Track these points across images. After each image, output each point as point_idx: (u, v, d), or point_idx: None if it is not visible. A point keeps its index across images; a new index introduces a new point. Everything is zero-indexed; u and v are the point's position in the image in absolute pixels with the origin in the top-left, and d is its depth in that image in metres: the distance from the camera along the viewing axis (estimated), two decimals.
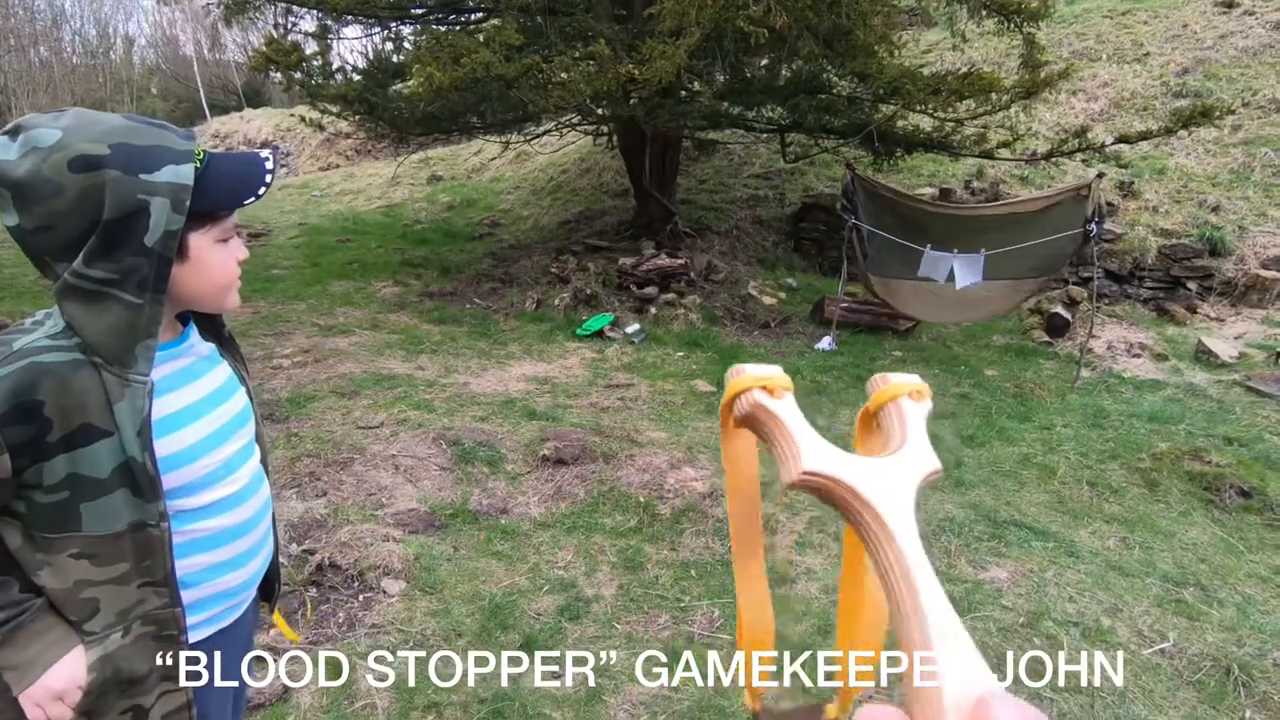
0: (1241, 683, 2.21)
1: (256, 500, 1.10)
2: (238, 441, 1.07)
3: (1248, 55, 9.24)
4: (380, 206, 11.63)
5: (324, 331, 5.75)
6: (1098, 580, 2.79)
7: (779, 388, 0.40)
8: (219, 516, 1.03)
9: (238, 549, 1.06)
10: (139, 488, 0.91)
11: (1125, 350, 6.01)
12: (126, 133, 0.87)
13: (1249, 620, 2.58)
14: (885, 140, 6.12)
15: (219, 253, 0.98)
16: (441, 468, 3.58)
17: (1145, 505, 3.49)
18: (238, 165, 0.96)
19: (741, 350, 5.67)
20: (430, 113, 6.07)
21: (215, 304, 1.01)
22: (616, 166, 9.95)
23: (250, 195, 0.96)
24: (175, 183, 0.88)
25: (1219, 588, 2.81)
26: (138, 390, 0.89)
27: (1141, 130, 5.70)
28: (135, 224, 0.86)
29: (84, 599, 0.91)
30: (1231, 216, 7.35)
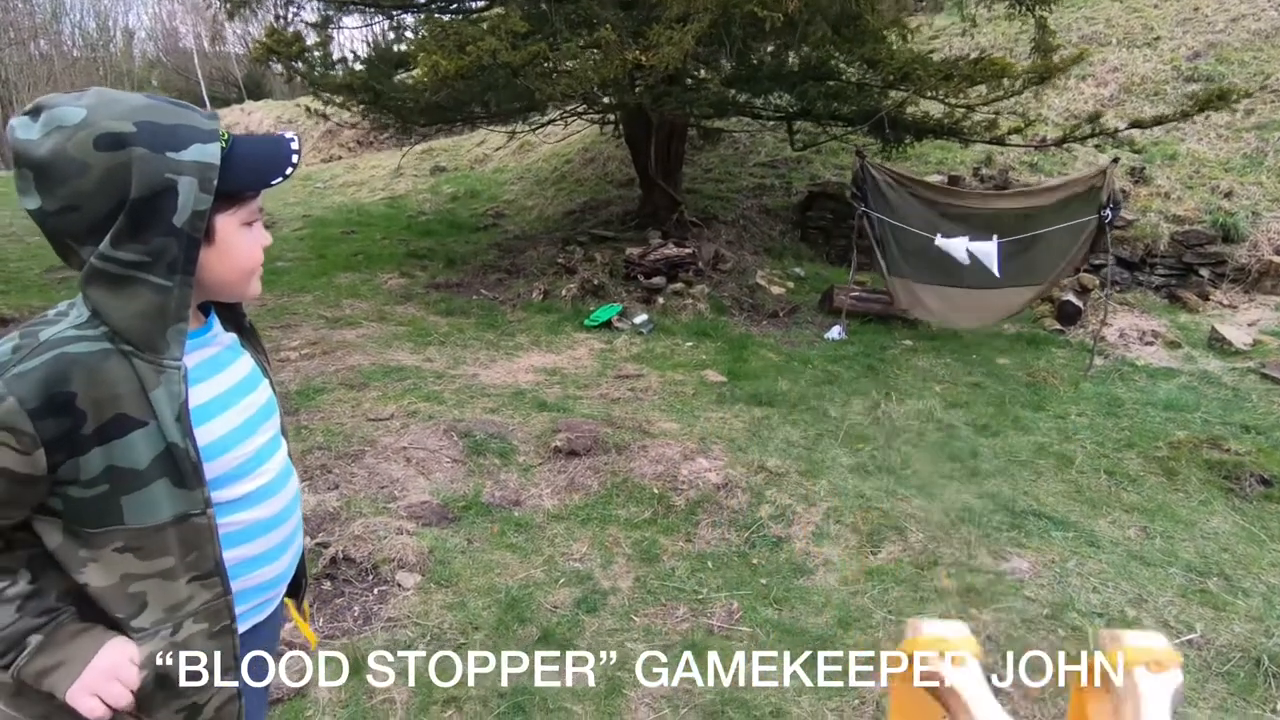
0: (1272, 674, 2.18)
1: (287, 493, 1.08)
2: (265, 433, 1.05)
3: (1260, 39, 9.12)
4: (384, 198, 11.57)
5: (331, 323, 5.72)
6: (1120, 570, 2.76)
7: (963, 654, 0.36)
8: (252, 509, 1.01)
9: (271, 542, 1.04)
10: (181, 476, 0.89)
11: (1138, 338, 5.96)
12: (151, 111, 0.84)
13: (1275, 610, 2.55)
14: (895, 127, 6.05)
15: (244, 237, 0.95)
16: (453, 460, 3.56)
17: (1164, 494, 3.46)
18: (263, 146, 0.94)
19: (750, 340, 5.62)
20: (435, 102, 6.01)
21: (239, 291, 0.99)
22: (621, 156, 9.87)
23: (277, 176, 0.93)
24: (202, 161, 0.85)
25: (1243, 577, 2.78)
26: (173, 375, 0.87)
27: (1156, 115, 5.62)
28: (163, 203, 0.83)
29: (131, 594, 0.89)
30: (1245, 202, 7.27)
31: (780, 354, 5.33)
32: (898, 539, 2.95)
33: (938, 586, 2.65)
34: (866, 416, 4.26)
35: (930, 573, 2.74)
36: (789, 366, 5.04)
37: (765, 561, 2.88)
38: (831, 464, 3.61)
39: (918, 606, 2.53)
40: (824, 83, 6.10)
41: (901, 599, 2.60)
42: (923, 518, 3.08)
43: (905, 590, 2.64)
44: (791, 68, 6.20)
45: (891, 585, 2.68)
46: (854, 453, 3.77)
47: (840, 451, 3.78)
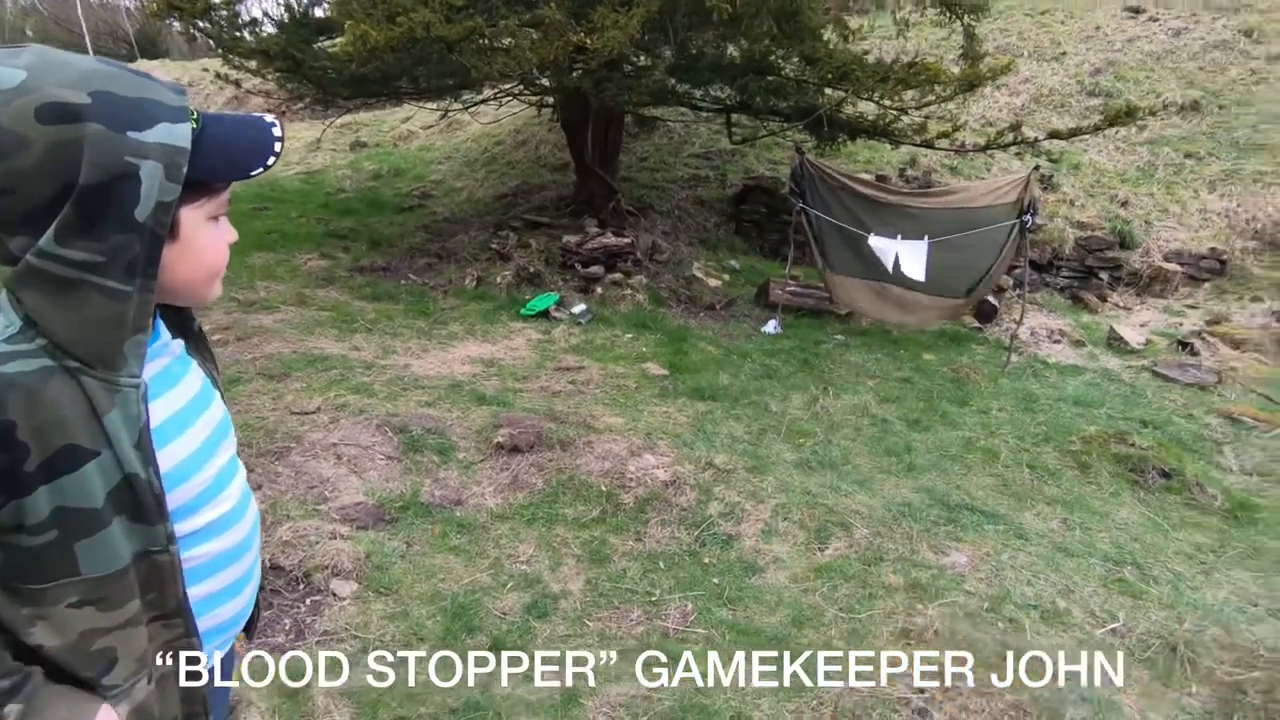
0: (1187, 659, 2.35)
1: (248, 520, 0.95)
2: (224, 454, 0.92)
3: (1152, 59, 9.87)
4: (299, 173, 10.88)
5: (244, 307, 5.31)
6: (1048, 562, 2.91)
7: None
8: (214, 540, 0.88)
9: (233, 575, 0.92)
10: (141, 510, 0.76)
11: (1047, 336, 6.34)
12: (108, 79, 0.70)
13: (1184, 597, 2.75)
14: (831, 125, 6.16)
15: (211, 233, 0.81)
16: (388, 457, 3.36)
17: (1080, 487, 3.68)
18: (240, 129, 0.80)
19: (689, 332, 5.62)
20: (360, 74, 5.64)
21: (200, 294, 0.85)
22: (554, 140, 9.65)
23: (258, 165, 0.79)
24: (170, 144, 0.71)
25: (1153, 566, 2.99)
26: (130, 396, 0.73)
27: (1071, 126, 5.95)
28: (122, 193, 0.69)
29: (96, 651, 0.77)
30: (1138, 211, 7.86)
31: (719, 347, 5.35)
32: (844, 535, 3.01)
33: (885, 583, 2.71)
34: (806, 411, 4.33)
35: (876, 569, 2.80)
36: (729, 360, 5.07)
37: (717, 560, 2.87)
38: (776, 459, 3.64)
39: (868, 604, 2.58)
40: (764, 77, 6.12)
41: (851, 596, 2.64)
42: (866, 513, 3.15)
43: (854, 587, 2.69)
44: (732, 60, 6.19)
45: (840, 582, 2.72)
46: (796, 448, 3.83)
47: (783, 447, 3.82)
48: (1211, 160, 8.24)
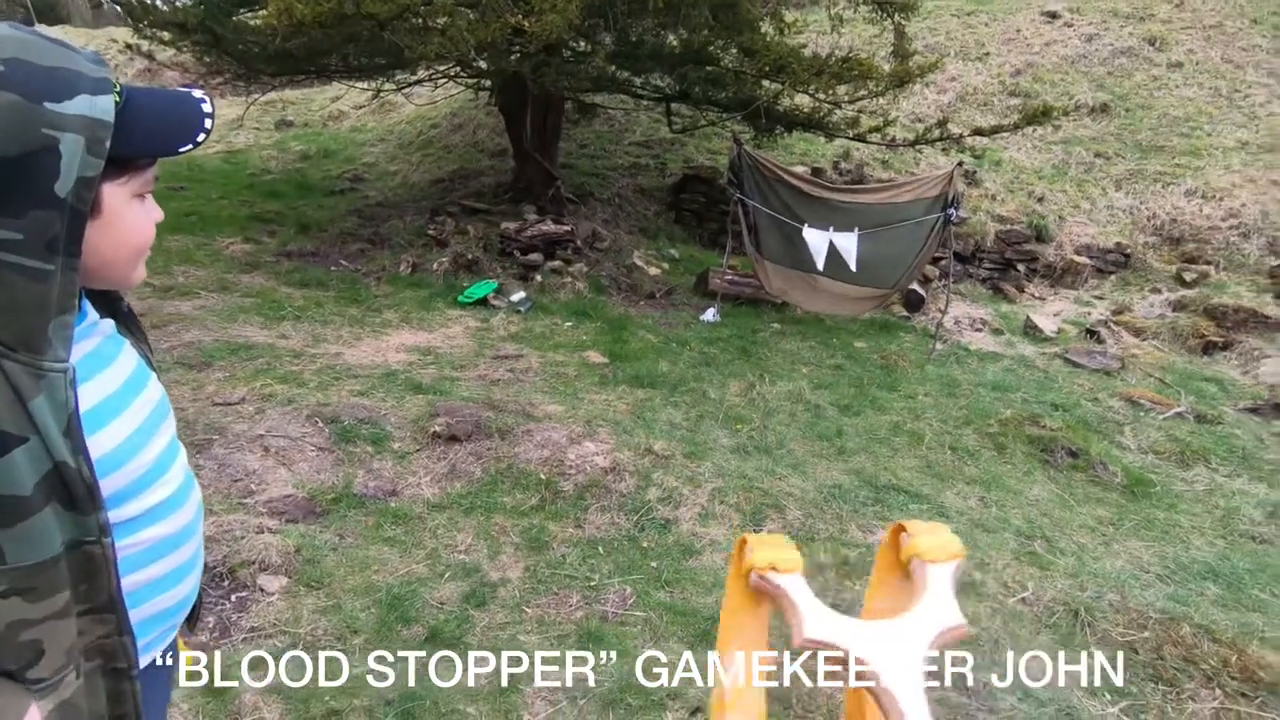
0: (1086, 623, 2.53)
1: (191, 504, 0.92)
2: (164, 436, 0.88)
3: (1067, 63, 10.41)
4: (220, 152, 10.33)
5: (160, 293, 5.04)
6: (966, 538, 3.07)
7: (788, 566, 0.48)
8: (156, 525, 0.85)
9: (176, 561, 0.88)
10: (73, 499, 0.72)
11: (969, 325, 6.66)
12: (22, 47, 0.66)
13: (1086, 567, 2.96)
14: (768, 117, 6.26)
15: (136, 211, 0.78)
16: (319, 448, 3.27)
17: (996, 466, 3.90)
18: (167, 103, 0.77)
19: (630, 320, 5.65)
20: (286, 50, 5.40)
21: (124, 275, 0.81)
22: (492, 124, 9.47)
23: (187, 141, 0.76)
24: (91, 117, 0.68)
25: (1059, 539, 3.20)
26: (56, 381, 0.70)
27: (994, 124, 6.23)
28: (40, 167, 0.65)
29: (23, 642, 0.73)
30: (1053, 206, 8.32)
31: (659, 335, 5.40)
32: (778, 516, 3.10)
33: (816, 562, 2.81)
34: (743, 398, 4.42)
35: (808, 548, 2.90)
36: (668, 348, 5.12)
37: (655, 544, 2.92)
38: (714, 445, 3.71)
39: None
40: (703, 67, 6.17)
41: None
42: (799, 495, 3.26)
43: None
44: (672, 48, 6.21)
45: None
46: (734, 433, 3.91)
47: (721, 432, 3.90)
48: (1118, 160, 8.78)
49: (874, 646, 0.39)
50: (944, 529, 0.46)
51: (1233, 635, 2.44)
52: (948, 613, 0.42)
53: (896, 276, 5.65)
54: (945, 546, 0.45)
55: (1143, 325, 6.59)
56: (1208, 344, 6.18)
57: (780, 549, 0.44)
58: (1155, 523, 3.45)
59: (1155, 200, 8.15)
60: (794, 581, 0.44)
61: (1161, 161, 8.59)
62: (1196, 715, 2.16)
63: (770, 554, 0.43)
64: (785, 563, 0.43)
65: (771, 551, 0.44)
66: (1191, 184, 8.15)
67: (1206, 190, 8.03)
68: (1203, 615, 2.58)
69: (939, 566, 0.44)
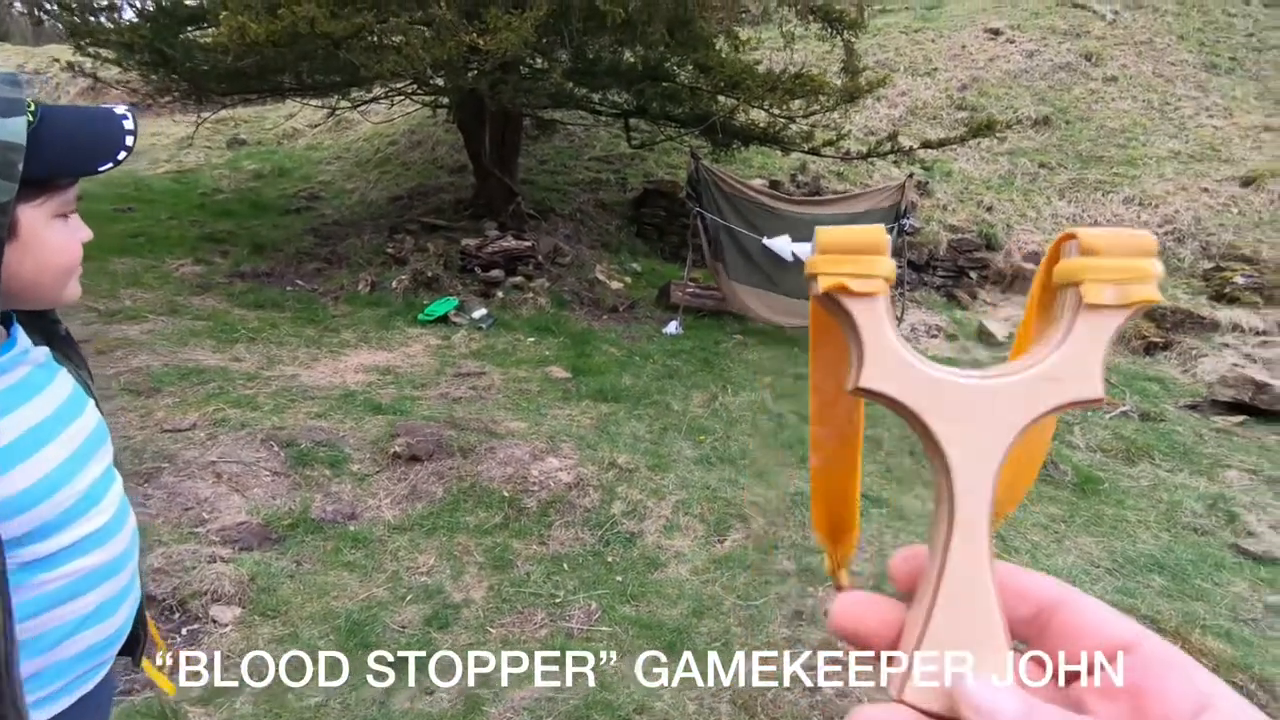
0: None
1: (125, 534, 0.90)
2: (98, 465, 0.86)
3: (1010, 78, 10.82)
4: (170, 171, 10.08)
5: (106, 317, 4.88)
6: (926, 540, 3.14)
7: (864, 287, 0.30)
8: (86, 556, 0.82)
9: (107, 593, 0.86)
10: None
11: (925, 331, 6.83)
12: None
13: (1039, 563, 3.05)
14: (725, 132, 6.37)
15: (58, 231, 0.76)
16: (274, 473, 3.19)
17: None
18: (86, 122, 0.75)
19: (593, 335, 5.65)
20: (238, 69, 5.32)
21: (53, 295, 0.79)
22: (451, 141, 9.43)
23: (106, 160, 0.75)
24: (2, 140, 0.67)
25: (1014, 537, 3.29)
26: None
27: (942, 137, 6.44)
28: None
29: None
30: (1001, 216, 8.60)
31: (622, 349, 5.41)
32: (741, 526, 3.13)
33: (779, 569, 2.84)
34: (706, 409, 4.46)
35: (772, 557, 2.93)
36: (631, 361, 5.14)
37: (620, 558, 2.91)
38: (677, 457, 3.73)
39: (763, 590, 2.70)
40: (660, 84, 6.26)
41: (748, 584, 2.75)
42: (762, 505, 3.29)
43: (751, 575, 2.81)
44: (629, 65, 6.29)
45: (738, 571, 2.83)
46: (697, 445, 3.93)
47: (685, 444, 3.92)
48: (1060, 170, 9.13)
49: (951, 412, 0.28)
50: (1136, 237, 0.28)
51: (1177, 624, 2.53)
52: (1082, 379, 0.28)
53: None
54: (1123, 271, 0.28)
55: None
56: (1149, 345, 6.44)
57: (856, 260, 0.29)
58: (1104, 518, 3.57)
59: (1096, 208, 8.48)
60: (868, 308, 0.29)
61: (1101, 171, 8.96)
62: None
63: (841, 264, 0.30)
64: (861, 280, 0.29)
65: (842, 261, 0.30)
66: (1129, 192, 8.52)
67: (1143, 198, 8.40)
68: (1149, 606, 2.67)
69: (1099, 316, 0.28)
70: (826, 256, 0.30)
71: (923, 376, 0.29)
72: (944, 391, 0.29)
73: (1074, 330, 0.29)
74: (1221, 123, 9.63)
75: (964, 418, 0.28)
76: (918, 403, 0.29)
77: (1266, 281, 6.96)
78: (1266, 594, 3.01)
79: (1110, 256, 0.28)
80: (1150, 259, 0.28)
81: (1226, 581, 3.09)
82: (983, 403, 0.29)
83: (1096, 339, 0.28)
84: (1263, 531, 3.59)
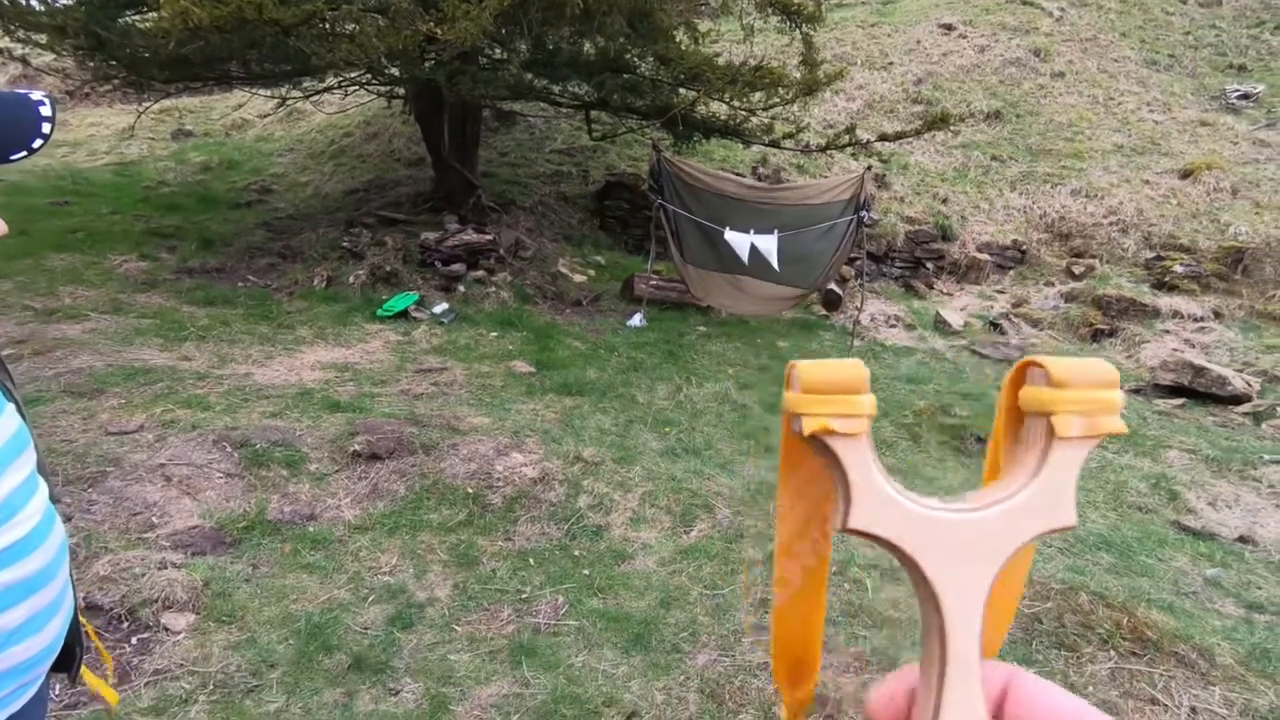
0: None
1: (51, 544, 0.85)
2: (17, 473, 0.81)
3: (963, 72, 11.05)
4: (110, 164, 9.67)
5: (43, 316, 4.66)
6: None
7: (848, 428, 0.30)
8: (7, 569, 0.78)
9: (35, 607, 0.81)
10: None
11: (884, 321, 6.95)
12: None
13: None
14: (686, 124, 6.37)
15: None
16: (227, 474, 3.09)
17: (913, 455, 4.09)
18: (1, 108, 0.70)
19: (556, 328, 5.61)
20: (181, 55, 5.11)
21: None
22: (409, 133, 9.24)
23: (18, 149, 0.70)
24: None
25: None
26: None
27: (898, 130, 6.55)
28: None
29: None
30: (956, 207, 8.80)
31: (586, 342, 5.39)
32: (707, 517, 3.14)
33: (745, 558, 2.87)
34: (671, 401, 4.47)
35: (737, 545, 2.96)
36: (595, 355, 5.12)
37: (586, 552, 2.90)
38: (643, 449, 3.73)
39: (729, 580, 2.72)
40: (620, 75, 6.22)
41: (715, 573, 2.77)
42: (727, 495, 3.31)
43: (717, 564, 2.83)
44: (589, 56, 6.23)
45: (705, 561, 2.85)
46: (662, 436, 3.94)
47: (650, 436, 3.92)
48: (1011, 163, 9.38)
49: (941, 550, 0.28)
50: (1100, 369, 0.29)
51: (1124, 599, 2.63)
52: (1058, 508, 0.29)
53: (814, 276, 5.85)
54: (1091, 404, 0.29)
55: (1039, 316, 7.06)
56: (1096, 331, 6.67)
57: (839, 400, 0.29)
58: None
59: (1045, 200, 8.74)
60: (853, 448, 0.29)
61: (1049, 164, 9.23)
62: (1095, 676, 2.32)
63: (824, 404, 0.30)
64: (846, 421, 0.29)
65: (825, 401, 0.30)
66: (1076, 184, 8.80)
67: (1089, 190, 8.68)
68: (1097, 583, 2.77)
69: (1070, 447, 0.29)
70: (809, 396, 0.30)
71: (911, 515, 0.29)
72: (933, 529, 0.29)
73: (1048, 461, 0.29)
74: (1161, 117, 10.01)
75: (953, 554, 0.29)
76: (909, 544, 0.29)
77: (1204, 270, 7.27)
78: (1205, 568, 3.15)
79: (1078, 389, 0.29)
80: (1114, 390, 0.29)
81: (1169, 557, 3.22)
82: (969, 537, 0.29)
83: (1068, 470, 0.29)
84: (1202, 509, 3.75)
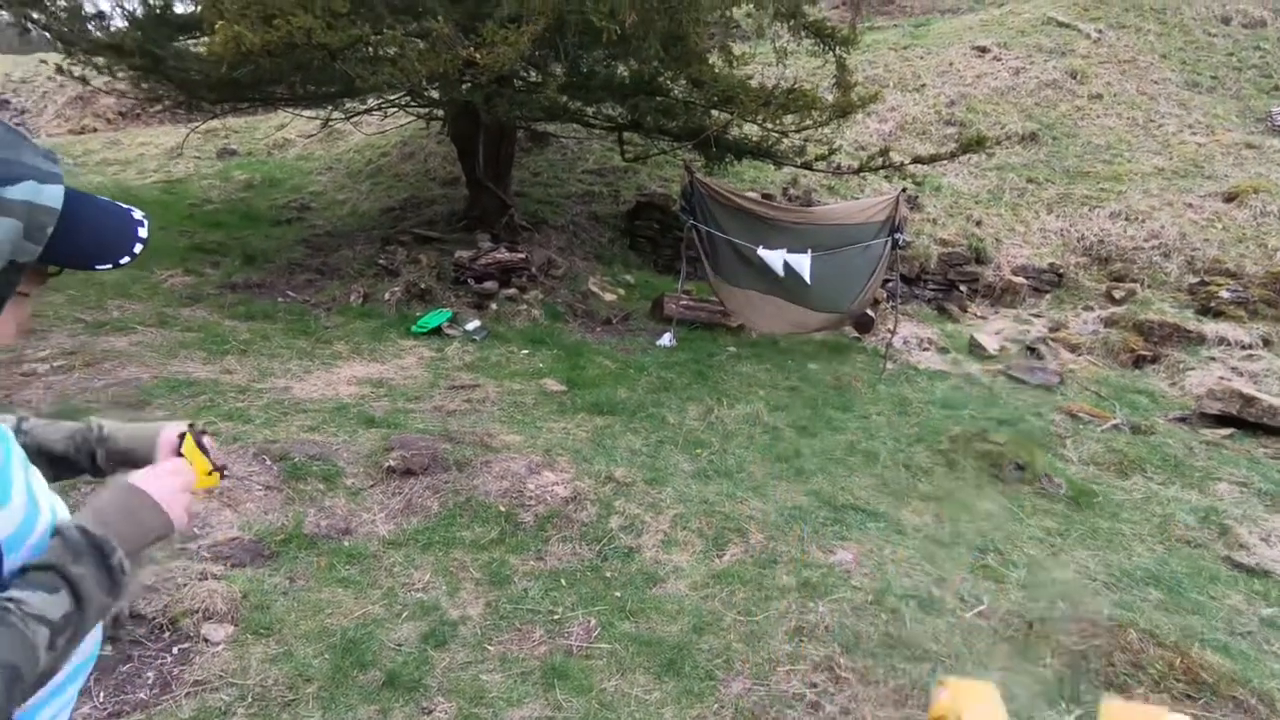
0: (1041, 635, 2.60)
1: None
2: None
3: (997, 94, 10.97)
4: (159, 181, 10.01)
5: (93, 329, 4.81)
6: (923, 554, 3.14)
7: None
8: None
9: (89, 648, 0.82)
10: None
11: (917, 345, 6.86)
12: None
13: (1037, 578, 3.05)
14: (718, 146, 6.40)
15: (15, 310, 0.74)
16: (267, 487, 3.14)
17: (949, 482, 4.00)
18: (104, 214, 0.75)
19: (587, 347, 5.64)
20: (230, 78, 5.29)
21: None
22: (444, 152, 9.43)
23: (109, 261, 0.74)
24: (36, 204, 0.66)
25: (1011, 551, 3.29)
26: None
27: (931, 152, 6.50)
28: None
29: None
30: (990, 230, 8.69)
31: (616, 361, 5.40)
32: (740, 540, 3.11)
33: (779, 584, 2.82)
34: (701, 422, 4.45)
35: (771, 571, 2.91)
36: (625, 374, 5.12)
37: (618, 574, 2.88)
38: (674, 470, 3.71)
39: (764, 606, 2.68)
40: (654, 98, 6.28)
41: (748, 599, 2.73)
42: (760, 518, 3.28)
43: (750, 590, 2.79)
44: (623, 79, 6.32)
45: (738, 586, 2.81)
46: (693, 458, 3.92)
47: (681, 457, 3.90)
48: (1048, 185, 9.25)
49: None
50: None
51: (1176, 638, 2.53)
52: None
53: (850, 299, 5.81)
54: None
55: (1078, 341, 6.90)
56: (1138, 358, 6.50)
57: None
58: (1099, 532, 3.58)
59: (1083, 223, 8.59)
60: None
61: (1087, 186, 9.08)
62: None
63: None
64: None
65: None
66: (1115, 207, 8.64)
67: (1129, 213, 8.52)
68: (1147, 620, 2.68)
69: None
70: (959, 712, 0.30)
71: None
72: None
73: None
74: (1204, 139, 9.81)
75: None
76: None
77: (1251, 296, 7.06)
78: (1261, 607, 3.02)
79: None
80: None
81: (1221, 595, 3.10)
82: None
83: None
84: (1255, 544, 3.61)
